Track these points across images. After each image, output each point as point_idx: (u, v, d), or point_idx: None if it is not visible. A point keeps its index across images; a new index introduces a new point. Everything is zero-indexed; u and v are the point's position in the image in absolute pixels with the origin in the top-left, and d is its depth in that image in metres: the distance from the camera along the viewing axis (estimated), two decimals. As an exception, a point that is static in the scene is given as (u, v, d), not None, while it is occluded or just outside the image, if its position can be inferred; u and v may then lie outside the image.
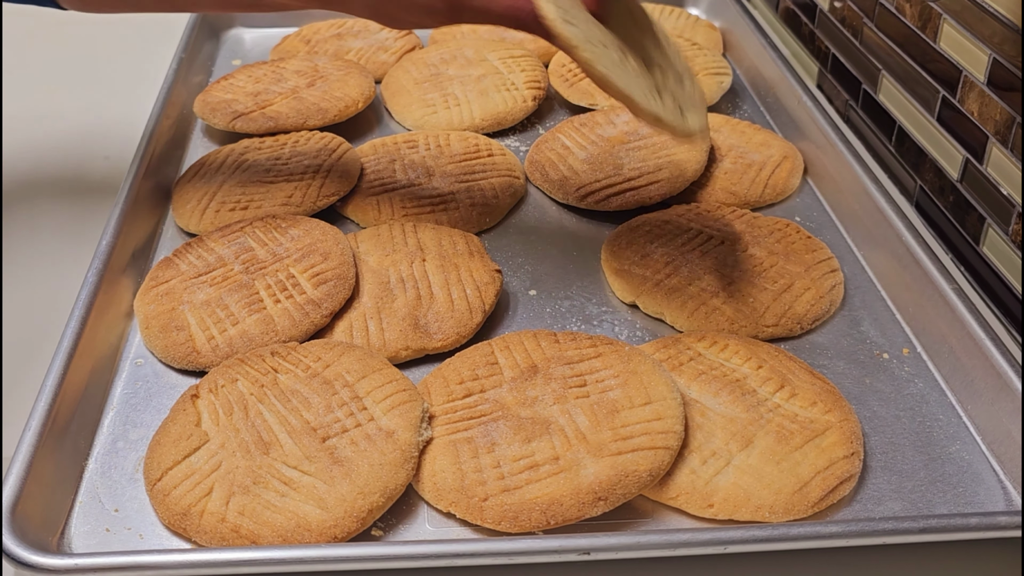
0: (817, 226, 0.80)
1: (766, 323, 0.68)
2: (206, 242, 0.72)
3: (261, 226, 0.73)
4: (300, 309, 0.66)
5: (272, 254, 0.70)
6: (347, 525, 0.53)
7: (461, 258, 0.71)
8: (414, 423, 0.57)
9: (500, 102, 0.92)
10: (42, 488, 0.55)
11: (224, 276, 0.69)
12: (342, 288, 0.68)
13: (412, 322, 0.66)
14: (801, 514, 0.55)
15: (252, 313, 0.66)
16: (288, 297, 0.67)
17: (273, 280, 0.68)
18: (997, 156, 0.75)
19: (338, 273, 0.68)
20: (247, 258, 0.70)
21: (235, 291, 0.68)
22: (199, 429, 0.58)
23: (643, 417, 0.57)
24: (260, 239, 0.72)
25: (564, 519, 0.53)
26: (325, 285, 0.67)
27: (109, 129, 0.97)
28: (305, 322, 0.66)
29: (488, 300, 0.68)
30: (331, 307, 0.67)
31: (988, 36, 0.75)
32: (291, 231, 0.72)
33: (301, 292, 0.67)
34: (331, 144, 0.85)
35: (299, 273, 0.69)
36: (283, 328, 0.65)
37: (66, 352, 0.61)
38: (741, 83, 1.02)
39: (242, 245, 0.71)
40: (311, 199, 0.78)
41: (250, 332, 0.65)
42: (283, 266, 0.69)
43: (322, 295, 0.67)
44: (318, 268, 0.69)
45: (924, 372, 0.66)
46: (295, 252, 0.70)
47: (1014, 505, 0.57)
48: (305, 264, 0.69)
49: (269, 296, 0.67)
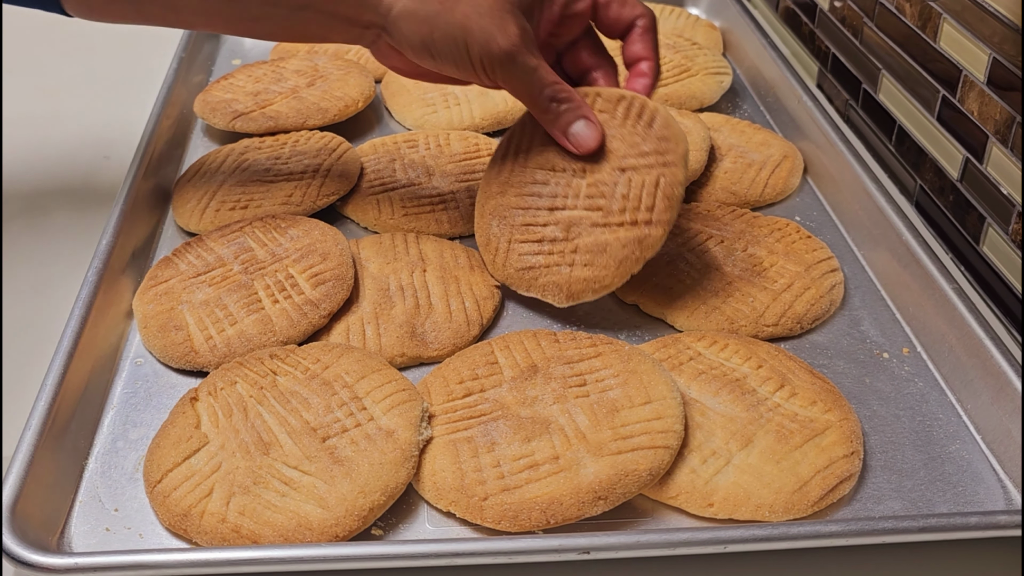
0: (817, 226, 0.80)
1: (766, 323, 0.68)
2: (206, 242, 0.72)
3: (261, 226, 0.73)
4: (298, 309, 0.66)
5: (271, 254, 0.70)
6: (348, 524, 0.53)
7: (462, 271, 0.71)
8: (414, 422, 0.57)
9: (500, 101, 0.92)
10: (42, 488, 0.55)
11: (223, 276, 0.69)
12: (340, 289, 0.68)
13: (409, 330, 0.66)
14: (801, 513, 0.55)
15: (250, 313, 0.66)
16: (287, 297, 0.67)
17: (272, 280, 0.68)
18: (997, 156, 0.75)
19: (336, 274, 0.68)
20: (246, 258, 0.70)
21: (234, 291, 0.68)
22: (198, 431, 0.58)
23: (643, 416, 0.57)
24: (259, 239, 0.72)
25: (564, 518, 0.53)
26: (324, 286, 0.67)
27: (109, 129, 0.97)
28: (303, 322, 0.66)
29: (486, 314, 0.68)
30: (329, 308, 0.67)
31: (988, 36, 0.75)
32: (290, 231, 0.72)
33: (299, 292, 0.67)
34: (331, 144, 0.85)
35: (298, 273, 0.69)
36: (281, 328, 0.65)
37: (66, 352, 0.61)
38: (741, 83, 1.02)
39: (241, 245, 0.71)
40: (311, 198, 0.78)
41: (248, 332, 0.65)
42: (282, 266, 0.69)
43: (320, 296, 0.67)
44: (317, 268, 0.69)
45: (924, 371, 0.66)
46: (294, 252, 0.70)
47: (1014, 504, 0.57)
48: (304, 264, 0.69)
49: (268, 296, 0.67)
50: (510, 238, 0.69)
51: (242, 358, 0.62)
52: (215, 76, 1.04)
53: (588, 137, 0.67)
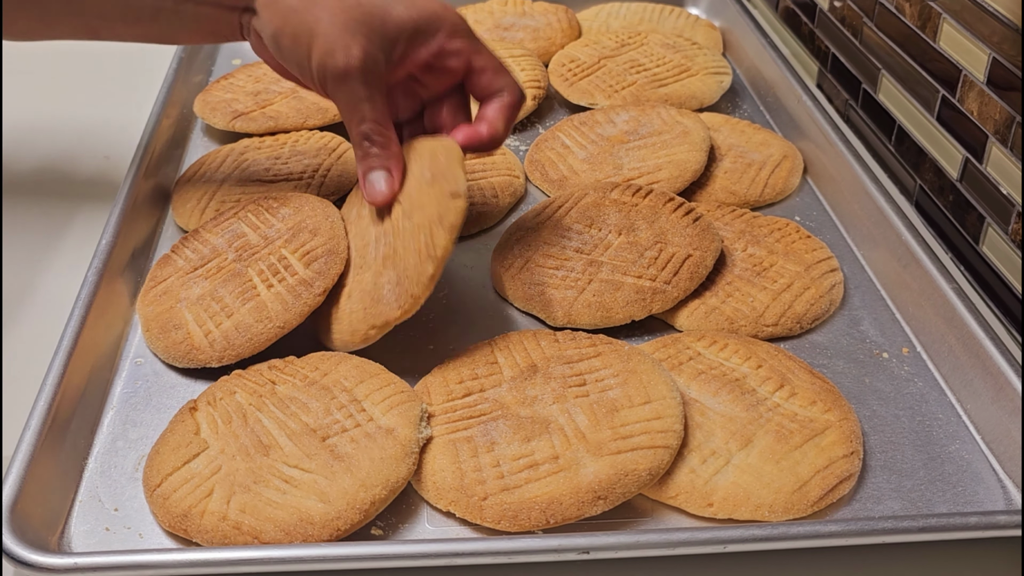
0: (817, 225, 0.80)
1: (765, 322, 0.68)
2: (201, 233, 0.73)
3: (253, 208, 0.73)
4: (292, 291, 0.66)
5: (264, 237, 0.70)
6: (350, 517, 0.53)
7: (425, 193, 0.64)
8: (413, 421, 0.57)
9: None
10: (42, 487, 0.55)
11: (219, 267, 0.69)
12: (333, 263, 0.66)
13: (374, 298, 0.63)
14: (801, 513, 0.55)
15: (245, 302, 0.66)
16: (280, 280, 0.66)
17: (265, 264, 0.68)
18: (997, 155, 0.75)
19: (328, 248, 0.67)
20: (240, 245, 0.70)
21: (228, 281, 0.68)
22: (198, 437, 0.58)
23: (642, 416, 0.57)
24: (252, 223, 0.72)
25: (563, 518, 0.53)
26: (316, 263, 0.67)
27: (109, 129, 0.97)
28: (298, 304, 0.65)
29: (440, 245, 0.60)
30: (323, 285, 0.65)
31: (988, 35, 0.75)
32: (282, 210, 0.72)
33: (293, 273, 0.67)
34: (331, 144, 0.85)
35: (290, 254, 0.68)
36: (276, 313, 0.65)
37: (66, 351, 0.61)
38: (741, 83, 1.02)
39: (235, 232, 0.71)
40: None
41: (244, 322, 0.65)
42: (274, 248, 0.69)
43: (313, 274, 0.66)
44: (308, 246, 0.68)
45: (923, 371, 0.66)
46: (285, 232, 0.70)
47: (1013, 504, 0.57)
48: (295, 244, 0.68)
49: (262, 282, 0.67)
50: (529, 258, 0.71)
51: (241, 371, 0.62)
52: (215, 76, 1.04)
53: (379, 191, 0.65)
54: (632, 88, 0.94)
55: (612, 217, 0.73)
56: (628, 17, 1.10)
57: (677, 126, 0.85)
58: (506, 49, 1.00)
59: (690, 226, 0.72)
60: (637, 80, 0.94)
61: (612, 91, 0.93)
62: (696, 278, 0.69)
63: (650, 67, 0.96)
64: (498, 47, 1.00)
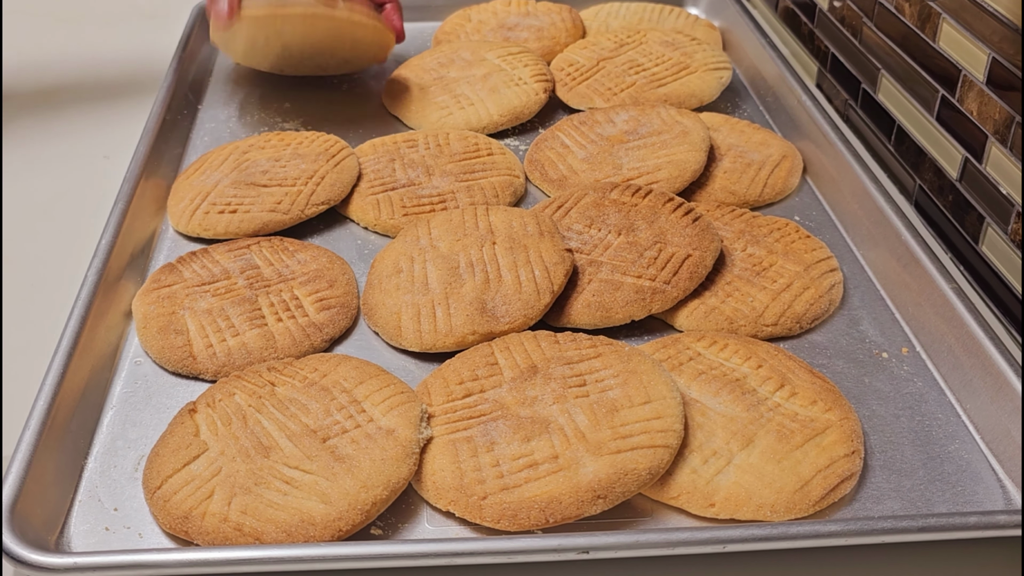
0: (816, 225, 0.81)
1: (765, 322, 0.68)
2: (211, 254, 0.73)
3: (268, 246, 0.73)
4: (302, 330, 0.66)
5: (278, 274, 0.71)
6: (351, 518, 0.53)
7: (531, 239, 0.70)
8: (414, 421, 0.57)
9: (514, 97, 0.92)
10: (42, 487, 0.55)
11: (228, 288, 0.69)
12: (344, 317, 0.69)
13: (479, 306, 0.66)
14: (803, 513, 0.55)
15: (253, 327, 0.66)
16: (290, 317, 0.67)
17: (277, 299, 0.68)
18: (996, 155, 0.75)
19: (342, 302, 0.69)
20: (252, 274, 0.70)
21: (238, 304, 0.68)
22: (198, 439, 0.58)
23: (642, 416, 0.57)
24: (267, 258, 0.72)
25: (563, 517, 0.53)
26: (328, 311, 0.68)
27: (109, 129, 0.97)
28: (305, 343, 0.66)
29: (557, 281, 0.67)
30: (332, 332, 0.67)
31: (987, 35, 0.75)
32: (298, 255, 0.73)
33: (304, 314, 0.68)
34: (332, 148, 0.84)
35: (303, 296, 0.69)
36: (283, 346, 0.66)
37: (66, 351, 0.61)
38: (741, 82, 1.02)
39: (248, 261, 0.72)
40: (299, 207, 0.78)
41: (250, 345, 0.65)
42: (288, 287, 0.70)
43: (325, 320, 0.68)
44: (323, 294, 0.69)
45: (923, 371, 0.66)
46: (301, 275, 0.71)
47: (1013, 504, 0.57)
48: (310, 288, 0.70)
49: (271, 314, 0.67)
50: None
51: (240, 372, 0.62)
52: (215, 75, 1.04)
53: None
54: (631, 90, 0.93)
55: (612, 217, 0.73)
56: (627, 17, 1.10)
57: (677, 126, 0.85)
58: (504, 48, 1.00)
59: (690, 226, 0.72)
60: (636, 81, 0.94)
61: (611, 94, 0.93)
62: (696, 278, 0.69)
63: (649, 67, 0.96)
64: (495, 48, 1.00)
